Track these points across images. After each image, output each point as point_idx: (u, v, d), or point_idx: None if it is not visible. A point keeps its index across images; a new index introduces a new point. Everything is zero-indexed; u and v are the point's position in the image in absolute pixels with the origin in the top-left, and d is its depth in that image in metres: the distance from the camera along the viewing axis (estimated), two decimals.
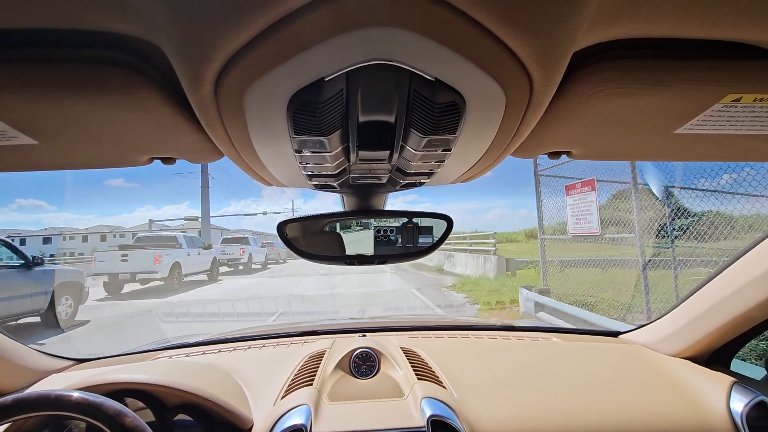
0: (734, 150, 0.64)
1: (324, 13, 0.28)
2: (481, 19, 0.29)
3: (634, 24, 0.35)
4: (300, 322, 1.80)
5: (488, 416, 0.98)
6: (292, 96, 0.38)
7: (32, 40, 0.41)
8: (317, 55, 0.32)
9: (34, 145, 0.56)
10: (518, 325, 1.57)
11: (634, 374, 1.15)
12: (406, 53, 0.33)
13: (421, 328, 1.53)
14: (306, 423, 0.91)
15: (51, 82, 0.42)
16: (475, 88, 0.38)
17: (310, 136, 0.45)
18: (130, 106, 0.46)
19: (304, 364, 1.17)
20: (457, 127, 0.45)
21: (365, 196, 0.88)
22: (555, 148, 0.65)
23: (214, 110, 0.41)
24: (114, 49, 0.42)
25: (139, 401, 0.92)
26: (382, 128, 0.47)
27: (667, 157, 0.70)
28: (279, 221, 0.86)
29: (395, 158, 0.57)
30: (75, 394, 0.73)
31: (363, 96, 0.40)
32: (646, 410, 1.00)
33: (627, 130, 0.56)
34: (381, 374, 1.15)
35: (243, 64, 0.33)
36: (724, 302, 1.05)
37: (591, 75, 0.43)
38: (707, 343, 1.13)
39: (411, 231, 0.90)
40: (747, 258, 1.02)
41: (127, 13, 0.34)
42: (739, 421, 0.94)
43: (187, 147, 0.62)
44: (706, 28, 0.36)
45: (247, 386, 1.09)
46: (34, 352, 1.20)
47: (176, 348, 1.40)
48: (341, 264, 0.93)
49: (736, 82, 0.44)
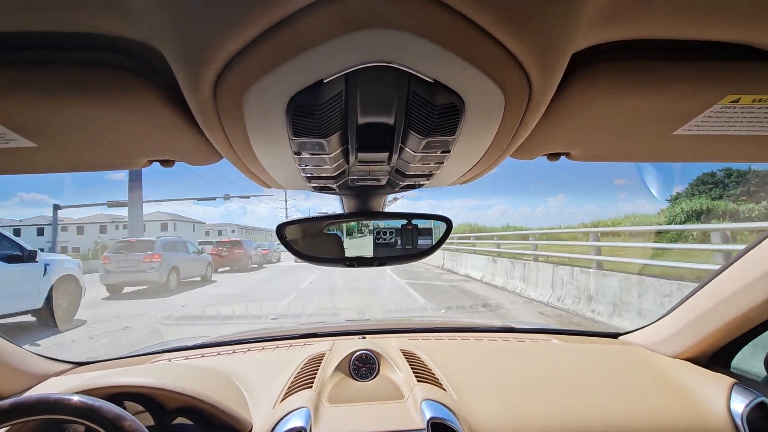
0: (733, 151, 0.64)
1: (322, 15, 0.28)
2: (480, 20, 0.29)
3: (633, 25, 0.36)
4: (299, 325, 1.80)
5: (488, 418, 0.98)
6: (291, 98, 0.38)
7: (31, 43, 0.41)
8: (316, 58, 0.32)
9: (32, 147, 0.56)
10: (518, 326, 1.57)
11: (634, 376, 1.14)
12: (405, 55, 0.33)
13: (420, 330, 1.53)
14: (306, 426, 0.90)
15: (50, 84, 0.42)
16: (473, 90, 0.38)
17: (309, 138, 0.45)
18: (128, 109, 0.46)
19: (304, 367, 1.17)
20: (456, 129, 0.45)
21: (364, 197, 0.88)
22: (554, 149, 0.65)
23: (213, 113, 0.41)
24: (113, 51, 0.42)
25: (138, 405, 0.92)
26: (381, 130, 0.47)
27: (667, 159, 0.70)
28: (278, 223, 0.86)
29: (394, 160, 0.57)
30: (74, 397, 0.73)
31: (362, 98, 0.40)
32: (646, 412, 1.00)
33: (626, 132, 0.57)
34: (381, 376, 1.15)
35: (242, 67, 0.33)
36: (723, 303, 1.05)
37: (590, 76, 0.43)
38: (707, 345, 1.13)
39: (410, 233, 0.90)
40: (746, 259, 1.02)
41: (125, 15, 0.34)
42: (739, 422, 0.94)
43: (185, 149, 0.62)
44: (704, 29, 0.36)
45: (246, 389, 1.08)
46: (32, 355, 1.20)
47: (175, 351, 1.40)
48: (341, 266, 0.93)
49: (734, 83, 0.44)
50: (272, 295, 8.87)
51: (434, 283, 10.81)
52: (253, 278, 13.08)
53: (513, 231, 15.62)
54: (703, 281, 1.14)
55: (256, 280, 12.58)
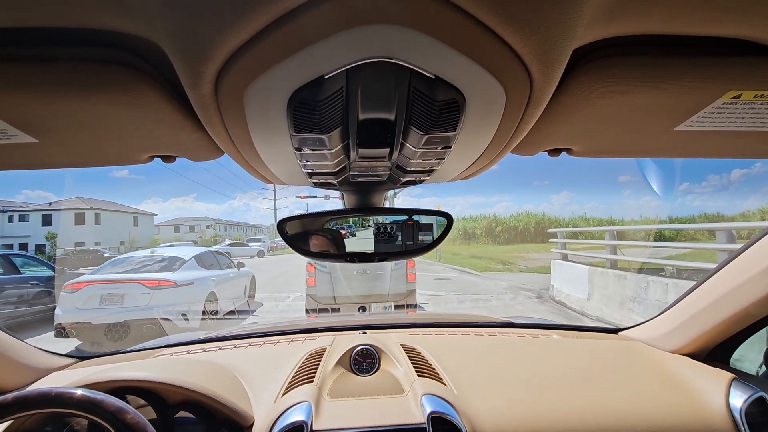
0: (734, 147, 0.64)
1: (324, 10, 0.28)
2: (481, 16, 0.29)
3: (634, 21, 0.35)
4: (300, 320, 1.81)
5: (488, 413, 0.99)
6: (293, 94, 0.38)
7: (32, 39, 0.41)
8: (317, 53, 0.32)
9: (34, 143, 0.56)
10: (518, 322, 1.58)
11: (633, 371, 1.15)
12: (406, 51, 0.33)
13: (421, 326, 1.54)
14: (307, 420, 0.91)
15: (51, 80, 0.42)
16: (474, 86, 0.38)
17: (311, 133, 0.45)
18: (130, 104, 0.46)
19: (305, 362, 1.18)
20: (457, 125, 0.45)
21: (365, 193, 0.88)
22: (555, 145, 0.65)
23: (214, 108, 0.41)
24: (114, 47, 0.42)
25: (141, 399, 0.92)
26: (382, 126, 0.47)
27: (668, 154, 0.70)
28: (279, 219, 0.86)
29: (395, 156, 0.57)
30: (76, 391, 0.73)
31: (363, 93, 0.40)
32: (645, 406, 1.01)
33: (627, 128, 0.56)
34: (381, 371, 1.16)
35: (243, 62, 0.33)
36: (723, 299, 1.05)
37: (591, 72, 0.43)
38: (707, 340, 1.14)
39: (411, 228, 0.90)
40: (746, 255, 1.02)
41: (126, 11, 0.34)
42: (738, 416, 0.94)
43: (187, 145, 0.62)
44: (706, 24, 0.36)
45: (247, 383, 1.09)
46: (35, 349, 1.21)
47: (177, 345, 1.41)
48: (341, 261, 0.93)
49: (736, 78, 0.44)
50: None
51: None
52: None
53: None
54: (703, 277, 1.14)
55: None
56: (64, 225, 28.40)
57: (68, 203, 29.31)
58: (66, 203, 29.42)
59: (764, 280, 0.96)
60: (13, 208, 28.81)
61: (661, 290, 5.41)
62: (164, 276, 5.39)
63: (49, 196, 63.91)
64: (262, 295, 8.52)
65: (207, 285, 5.93)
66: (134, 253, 6.62)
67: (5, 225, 28.32)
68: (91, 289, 5.04)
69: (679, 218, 26.00)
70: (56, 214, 28.61)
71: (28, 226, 28.14)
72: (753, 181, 21.64)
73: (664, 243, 7.27)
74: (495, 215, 34.75)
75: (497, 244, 29.37)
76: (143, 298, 5.07)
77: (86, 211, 28.98)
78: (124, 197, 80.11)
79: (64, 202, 29.79)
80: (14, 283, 6.18)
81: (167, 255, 6.06)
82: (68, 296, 5.06)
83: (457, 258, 18.91)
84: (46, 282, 6.60)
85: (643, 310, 5.60)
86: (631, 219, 35.60)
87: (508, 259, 18.77)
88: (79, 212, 28.89)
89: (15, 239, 27.52)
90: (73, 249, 24.17)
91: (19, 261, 6.73)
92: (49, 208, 28.87)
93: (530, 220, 32.84)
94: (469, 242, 30.68)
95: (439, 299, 8.44)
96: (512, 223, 32.70)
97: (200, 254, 6.41)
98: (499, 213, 46.27)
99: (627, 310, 5.87)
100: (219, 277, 6.37)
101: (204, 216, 46.71)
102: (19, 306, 6.08)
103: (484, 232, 32.06)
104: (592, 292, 6.68)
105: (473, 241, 30.87)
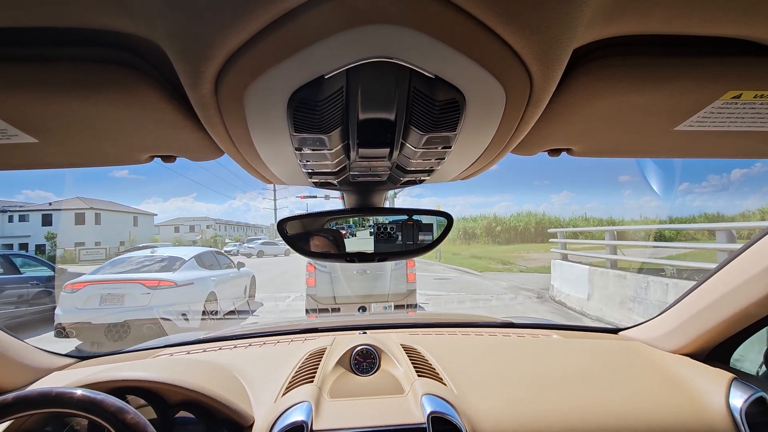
0: (734, 147, 0.64)
1: (324, 10, 0.28)
2: (481, 16, 0.29)
3: (634, 20, 0.35)
4: (300, 320, 1.81)
5: (488, 413, 0.99)
6: (293, 94, 0.38)
7: (32, 39, 0.41)
8: (317, 53, 0.32)
9: (34, 143, 0.56)
10: (518, 322, 1.58)
11: (633, 371, 1.15)
12: (406, 51, 0.33)
13: (421, 326, 1.54)
14: (307, 420, 0.91)
15: (51, 80, 0.42)
16: (474, 86, 0.38)
17: (311, 133, 0.45)
18: (130, 104, 0.46)
19: (305, 362, 1.18)
20: (457, 125, 0.45)
21: (365, 193, 0.88)
22: (555, 145, 0.65)
23: (214, 108, 0.41)
24: (114, 47, 0.42)
25: (141, 399, 0.92)
26: (382, 126, 0.47)
27: (668, 154, 0.70)
28: (279, 219, 0.86)
29: (395, 156, 0.57)
30: (76, 391, 0.74)
31: (363, 93, 0.40)
32: (645, 406, 1.01)
33: (627, 127, 0.56)
34: (381, 371, 1.16)
35: (243, 62, 0.33)
36: (723, 299, 1.05)
37: (591, 72, 0.43)
38: (707, 340, 1.14)
39: (411, 228, 0.90)
40: (746, 255, 1.02)
41: (126, 11, 0.34)
42: (738, 416, 0.94)
43: (187, 145, 0.62)
44: (706, 24, 0.36)
45: (248, 383, 1.09)
46: (35, 349, 1.21)
47: (177, 345, 1.41)
48: (342, 261, 0.93)
49: (736, 78, 0.44)
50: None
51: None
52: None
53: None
54: (703, 277, 1.14)
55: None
56: (64, 225, 28.40)
57: (68, 203, 29.24)
58: (66, 203, 29.34)
59: (764, 280, 0.96)
60: (13, 208, 28.74)
61: (661, 290, 5.45)
62: (164, 276, 5.38)
63: (49, 196, 63.45)
64: (262, 295, 8.56)
65: (207, 285, 5.89)
66: (134, 253, 6.60)
67: (5, 225, 28.13)
68: (91, 289, 5.04)
69: (679, 218, 26.11)
70: (56, 214, 28.50)
71: (28, 226, 28.13)
72: (753, 181, 22.25)
73: (664, 243, 7.25)
74: (495, 215, 34.84)
75: (497, 244, 29.47)
76: (143, 298, 5.06)
77: (86, 211, 28.93)
78: (124, 197, 79.54)
79: (64, 202, 29.70)
80: (14, 283, 6.18)
81: (167, 255, 6.03)
82: (68, 296, 5.05)
83: (457, 258, 18.94)
84: (46, 282, 6.61)
85: (643, 310, 5.66)
86: (631, 219, 35.69)
87: (508, 259, 18.80)
88: (79, 212, 28.84)
89: (15, 239, 27.59)
90: (73, 249, 24.35)
91: (19, 261, 6.74)
92: (49, 208, 28.82)
93: (530, 220, 32.86)
94: (469, 242, 30.73)
95: (439, 299, 8.51)
96: (512, 223, 32.73)
97: (200, 254, 6.35)
98: (499, 213, 46.33)
99: (627, 310, 5.91)
100: (219, 277, 6.33)
101: (204, 216, 46.50)
102: (19, 306, 6.07)
103: (484, 232, 32.10)
104: (592, 292, 6.72)
105: (473, 241, 30.94)
